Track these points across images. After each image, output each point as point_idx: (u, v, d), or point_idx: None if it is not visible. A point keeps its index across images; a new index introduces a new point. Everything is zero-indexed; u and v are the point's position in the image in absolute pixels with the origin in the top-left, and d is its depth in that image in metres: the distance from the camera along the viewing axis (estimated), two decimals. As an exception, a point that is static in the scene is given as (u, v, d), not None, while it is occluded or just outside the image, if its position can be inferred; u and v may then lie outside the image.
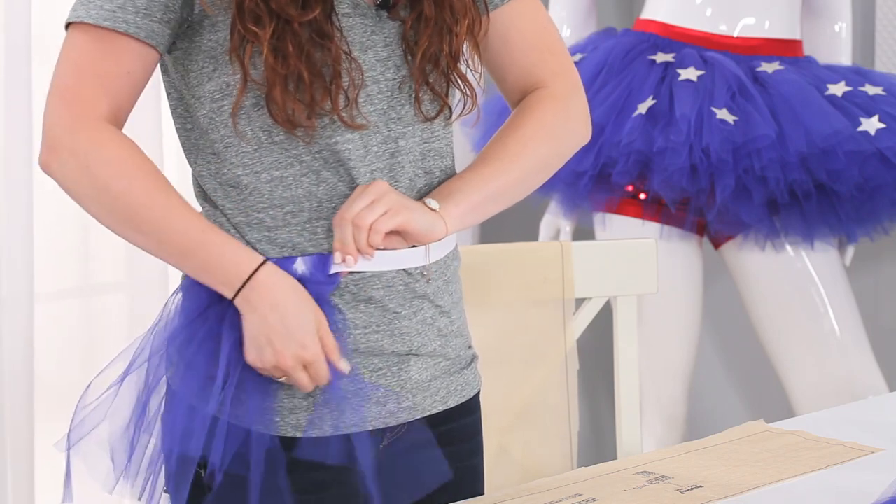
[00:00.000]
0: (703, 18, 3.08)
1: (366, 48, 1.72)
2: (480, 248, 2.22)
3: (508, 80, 1.88)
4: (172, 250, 1.70)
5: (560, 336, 2.23)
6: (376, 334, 1.76)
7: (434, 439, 1.79)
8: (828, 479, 1.82)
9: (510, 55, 1.86)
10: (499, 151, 1.82)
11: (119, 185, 1.67)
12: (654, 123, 2.91)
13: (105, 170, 1.67)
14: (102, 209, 1.70)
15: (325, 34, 1.68)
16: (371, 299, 1.75)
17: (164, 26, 1.69)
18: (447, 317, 1.83)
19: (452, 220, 1.76)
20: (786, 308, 3.03)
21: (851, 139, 2.86)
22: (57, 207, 2.85)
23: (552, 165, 1.87)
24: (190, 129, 1.76)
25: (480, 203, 1.79)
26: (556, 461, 2.24)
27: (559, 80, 1.87)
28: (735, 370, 3.80)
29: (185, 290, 1.76)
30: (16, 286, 2.82)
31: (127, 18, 1.67)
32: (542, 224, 3.27)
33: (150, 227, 1.69)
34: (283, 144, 1.71)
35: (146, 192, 1.68)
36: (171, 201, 1.69)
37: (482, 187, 1.79)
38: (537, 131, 1.84)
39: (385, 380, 1.77)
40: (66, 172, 1.69)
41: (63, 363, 3.01)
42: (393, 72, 1.74)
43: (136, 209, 1.68)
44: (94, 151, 1.67)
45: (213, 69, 1.71)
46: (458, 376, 1.85)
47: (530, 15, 1.86)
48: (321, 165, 1.72)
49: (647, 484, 1.82)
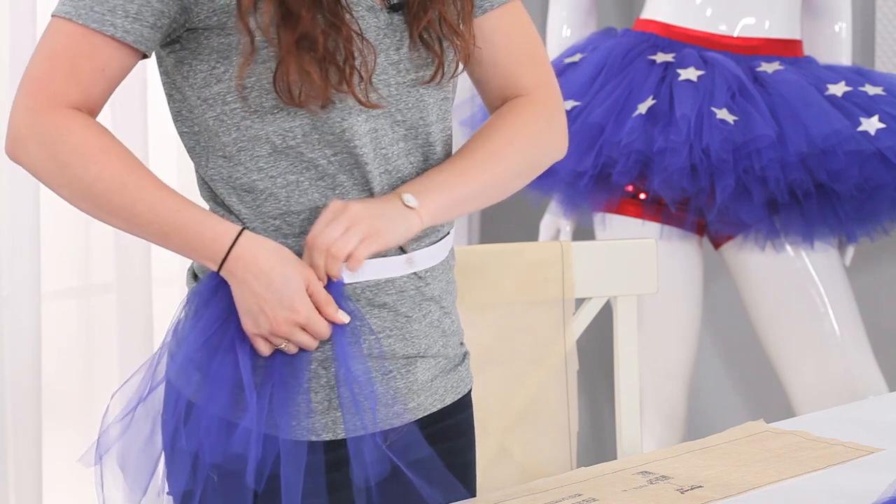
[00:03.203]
0: (703, 18, 3.08)
1: (379, 52, 1.72)
2: (480, 248, 2.22)
3: (491, 84, 1.87)
4: (151, 232, 1.69)
5: (560, 336, 2.23)
6: (389, 339, 1.76)
7: (435, 454, 1.78)
8: (828, 479, 1.82)
9: (495, 59, 1.85)
10: (479, 149, 1.81)
11: (90, 172, 1.66)
12: (654, 123, 2.91)
13: (73, 157, 1.66)
14: (75, 195, 1.69)
15: (336, 15, 1.67)
16: (385, 304, 1.76)
17: (155, 31, 1.67)
18: (449, 317, 1.84)
19: (429, 215, 1.74)
20: (786, 308, 3.03)
21: (851, 139, 2.86)
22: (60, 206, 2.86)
23: (530, 172, 1.86)
24: (198, 133, 1.74)
25: (458, 200, 1.77)
26: (556, 461, 2.24)
27: (543, 90, 1.87)
28: (735, 370, 3.79)
29: (198, 301, 1.75)
30: (21, 285, 2.82)
31: (115, 23, 1.65)
32: (542, 224, 3.27)
33: (126, 211, 1.68)
34: (298, 149, 1.71)
35: (118, 177, 1.66)
36: (142, 182, 1.68)
37: (461, 184, 1.77)
38: (519, 134, 1.83)
39: (395, 382, 1.77)
40: (34, 161, 1.68)
41: (63, 363, 3.02)
42: (403, 75, 1.74)
43: (109, 195, 1.67)
44: (61, 138, 1.66)
45: (224, 70, 1.69)
46: (453, 374, 1.85)
47: (518, 22, 1.86)
48: (336, 170, 1.72)
49: (647, 484, 1.82)
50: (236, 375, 1.70)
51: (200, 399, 1.71)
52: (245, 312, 1.69)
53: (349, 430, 1.72)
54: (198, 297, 1.75)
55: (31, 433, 2.85)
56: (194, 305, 1.75)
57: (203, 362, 1.71)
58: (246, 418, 1.68)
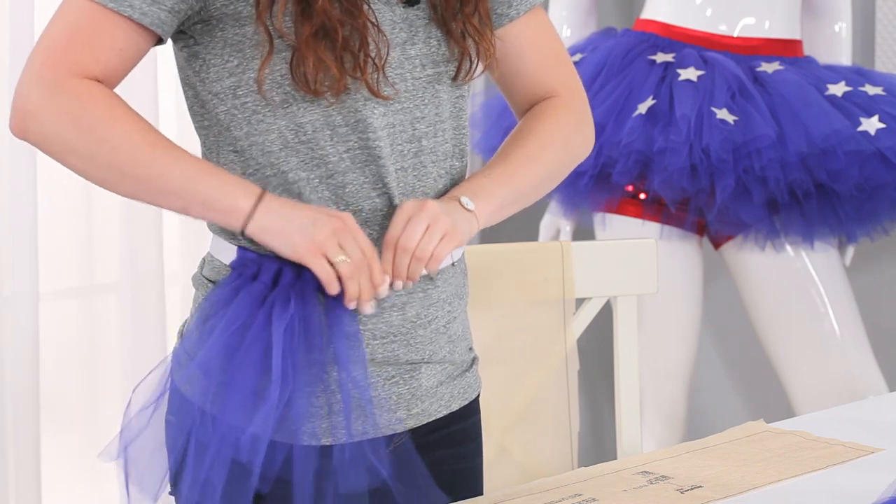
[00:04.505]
0: (703, 18, 3.08)
1: (394, 46, 1.72)
2: (480, 248, 2.22)
3: (519, 90, 1.90)
4: (172, 190, 1.66)
5: (560, 336, 2.23)
6: (393, 344, 1.76)
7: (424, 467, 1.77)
8: (828, 479, 1.82)
9: (524, 66, 1.87)
10: (519, 152, 1.83)
11: (115, 134, 1.64)
12: (654, 123, 2.91)
13: (98, 121, 1.64)
14: (93, 162, 1.65)
15: (355, 4, 1.67)
16: (394, 305, 1.75)
17: (173, 16, 1.67)
18: (457, 322, 1.83)
19: (483, 219, 1.77)
20: (786, 308, 3.03)
21: (851, 139, 2.86)
22: (60, 206, 2.86)
23: (563, 172, 1.89)
24: (208, 127, 1.74)
25: (506, 202, 1.79)
26: (556, 461, 2.24)
27: (570, 91, 1.90)
28: (735, 370, 3.79)
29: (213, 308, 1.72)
30: (21, 285, 2.82)
31: (133, 4, 1.64)
32: (542, 224, 3.27)
33: (148, 170, 1.64)
34: (309, 143, 1.70)
35: (142, 137, 1.64)
36: (165, 143, 1.66)
37: (507, 188, 1.79)
38: (554, 136, 1.85)
39: (397, 387, 1.77)
40: (50, 130, 1.64)
41: (63, 364, 3.02)
42: (420, 70, 1.74)
43: (134, 154, 1.64)
44: (86, 104, 1.64)
45: (237, 64, 1.69)
46: (461, 379, 1.85)
47: (541, 27, 1.88)
48: (348, 166, 1.72)
49: (647, 484, 1.82)
50: (252, 382, 1.68)
51: (214, 406, 1.69)
52: (297, 232, 1.66)
53: (348, 436, 1.72)
54: (213, 304, 1.73)
55: (31, 433, 2.85)
56: (208, 312, 1.73)
57: (219, 370, 1.69)
58: (258, 421, 1.67)
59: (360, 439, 1.71)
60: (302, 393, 1.69)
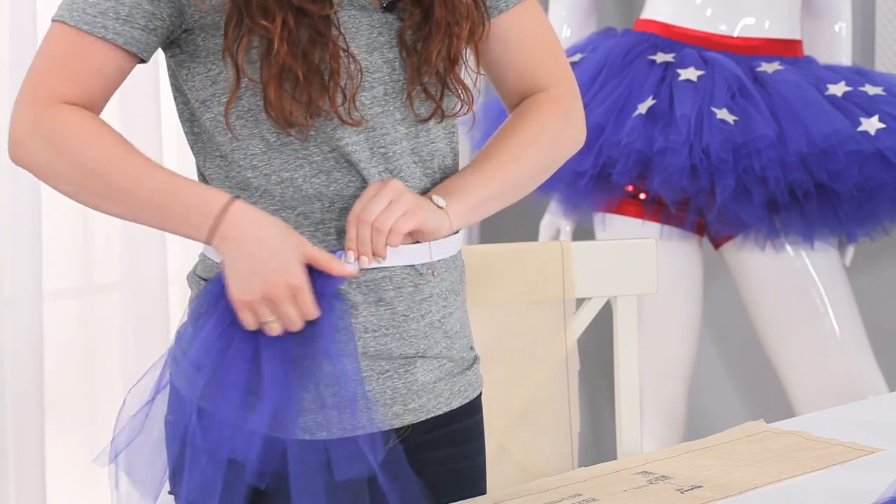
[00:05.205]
0: (703, 18, 3.08)
1: (372, 49, 1.72)
2: (480, 248, 2.22)
3: (508, 82, 1.88)
4: (147, 208, 1.68)
5: (560, 336, 2.23)
6: (385, 337, 1.76)
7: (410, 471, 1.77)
8: (828, 479, 1.82)
9: (511, 58, 1.86)
10: (501, 150, 1.83)
11: (87, 157, 1.67)
12: (654, 123, 2.91)
13: (71, 144, 1.67)
14: (76, 187, 1.69)
15: (322, 32, 1.68)
16: (382, 300, 1.75)
17: (149, 34, 1.69)
18: (453, 318, 1.83)
19: (457, 217, 1.76)
20: (786, 308, 3.03)
21: (851, 139, 2.86)
22: (61, 207, 2.86)
23: (551, 168, 1.88)
24: (197, 133, 1.76)
25: (483, 201, 1.79)
26: (556, 461, 2.24)
27: (560, 84, 1.88)
28: (735, 370, 3.80)
29: (204, 305, 1.73)
30: (22, 285, 2.82)
31: (107, 24, 1.67)
32: (542, 224, 3.27)
33: (123, 191, 1.67)
34: (292, 146, 1.71)
35: (112, 156, 1.67)
36: (134, 158, 1.68)
37: (485, 185, 1.79)
38: (540, 133, 1.84)
39: (392, 382, 1.77)
40: (36, 159, 1.69)
41: (65, 363, 3.02)
42: (399, 73, 1.74)
43: (108, 177, 1.67)
44: (59, 129, 1.67)
45: (219, 72, 1.70)
46: (461, 377, 1.85)
47: (532, 19, 1.87)
48: (332, 166, 1.72)
49: (647, 484, 1.82)
50: (245, 378, 1.69)
51: (208, 403, 1.70)
52: (237, 277, 1.67)
53: (342, 430, 1.72)
54: (204, 300, 1.74)
55: (33, 434, 2.85)
56: (200, 309, 1.74)
57: (210, 366, 1.70)
58: (254, 419, 1.68)
59: (354, 434, 1.71)
60: (294, 387, 1.69)
